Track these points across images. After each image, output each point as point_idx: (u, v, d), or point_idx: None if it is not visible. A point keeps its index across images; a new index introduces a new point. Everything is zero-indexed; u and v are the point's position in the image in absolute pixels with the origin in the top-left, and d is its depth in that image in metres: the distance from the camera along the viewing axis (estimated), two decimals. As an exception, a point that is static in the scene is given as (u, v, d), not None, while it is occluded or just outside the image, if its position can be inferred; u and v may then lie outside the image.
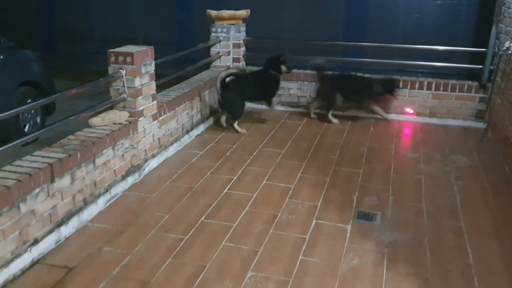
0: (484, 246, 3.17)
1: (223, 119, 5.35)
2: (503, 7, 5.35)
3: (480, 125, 5.46)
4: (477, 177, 4.23)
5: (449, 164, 4.49)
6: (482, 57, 5.55)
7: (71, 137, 3.47)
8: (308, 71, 6.09)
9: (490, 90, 5.35)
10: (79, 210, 3.31)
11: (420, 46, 6.00)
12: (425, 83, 5.69)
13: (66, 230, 3.18)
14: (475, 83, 5.60)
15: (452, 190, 3.98)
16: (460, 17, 6.37)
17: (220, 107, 5.32)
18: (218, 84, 5.04)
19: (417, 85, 5.71)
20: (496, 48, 5.39)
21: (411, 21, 6.58)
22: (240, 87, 5.16)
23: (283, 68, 5.32)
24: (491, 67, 5.45)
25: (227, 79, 5.09)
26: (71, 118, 3.53)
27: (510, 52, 4.69)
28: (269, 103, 5.48)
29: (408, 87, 5.72)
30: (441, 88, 5.65)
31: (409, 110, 4.98)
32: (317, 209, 3.61)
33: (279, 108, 6.14)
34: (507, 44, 4.81)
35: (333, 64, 6.58)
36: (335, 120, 5.59)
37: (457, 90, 5.59)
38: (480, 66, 5.56)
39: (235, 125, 5.25)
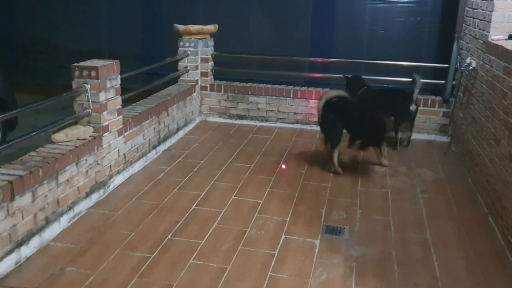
0: (450, 258, 3.22)
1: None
2: (463, 25, 5.53)
3: (444, 138, 5.59)
4: (442, 190, 4.31)
5: (415, 178, 4.56)
6: (445, 73, 5.70)
7: (32, 153, 3.36)
8: (276, 86, 6.13)
9: (453, 104, 5.49)
10: (41, 229, 3.19)
11: (385, 61, 6.12)
12: (391, 98, 5.79)
13: (26, 250, 3.06)
14: (438, 98, 5.74)
15: (418, 203, 4.04)
16: (423, 34, 6.55)
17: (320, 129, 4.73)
18: (322, 103, 4.50)
19: (382, 100, 5.81)
20: (458, 64, 5.55)
21: (376, 38, 6.72)
22: (343, 112, 4.56)
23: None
24: (454, 82, 5.60)
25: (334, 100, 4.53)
26: (33, 133, 3.42)
27: (471, 68, 4.83)
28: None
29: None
30: (406, 103, 5.76)
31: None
32: (286, 224, 3.60)
33: (248, 122, 6.14)
34: (468, 60, 4.96)
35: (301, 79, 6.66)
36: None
37: (421, 104, 5.71)
38: (443, 82, 5.71)
39: (334, 157, 4.55)
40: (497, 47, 4.05)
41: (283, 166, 4.75)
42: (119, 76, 4.07)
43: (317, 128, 5.89)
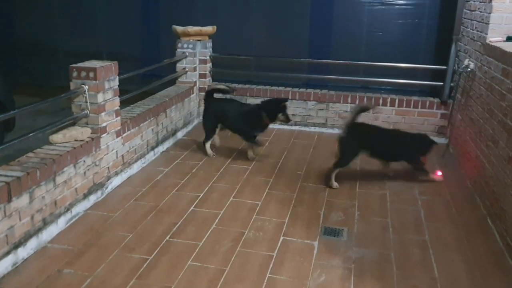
0: (448, 259, 3.21)
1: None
2: (461, 27, 5.54)
3: (442, 140, 5.58)
4: (440, 191, 4.31)
5: (413, 179, 4.56)
6: (443, 75, 5.71)
7: (30, 154, 3.35)
8: (274, 88, 6.14)
9: (451, 106, 5.49)
10: (38, 230, 3.18)
11: (383, 63, 6.13)
12: (389, 100, 5.81)
13: (23, 252, 3.04)
14: (436, 100, 5.75)
15: (416, 204, 4.04)
16: (421, 36, 6.54)
17: None
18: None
19: (381, 102, 5.83)
20: (456, 66, 5.55)
21: (374, 39, 6.72)
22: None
23: (280, 116, 4.74)
24: (452, 84, 5.61)
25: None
26: (31, 134, 3.41)
27: (469, 69, 4.83)
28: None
29: (372, 103, 5.83)
30: (404, 105, 5.78)
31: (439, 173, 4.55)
32: (285, 226, 3.59)
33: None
34: (466, 62, 4.96)
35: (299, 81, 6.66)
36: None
37: (420, 106, 5.73)
38: (441, 83, 5.72)
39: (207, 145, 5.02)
40: (495, 49, 4.05)
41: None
42: (117, 77, 4.06)
43: (316, 130, 5.96)
